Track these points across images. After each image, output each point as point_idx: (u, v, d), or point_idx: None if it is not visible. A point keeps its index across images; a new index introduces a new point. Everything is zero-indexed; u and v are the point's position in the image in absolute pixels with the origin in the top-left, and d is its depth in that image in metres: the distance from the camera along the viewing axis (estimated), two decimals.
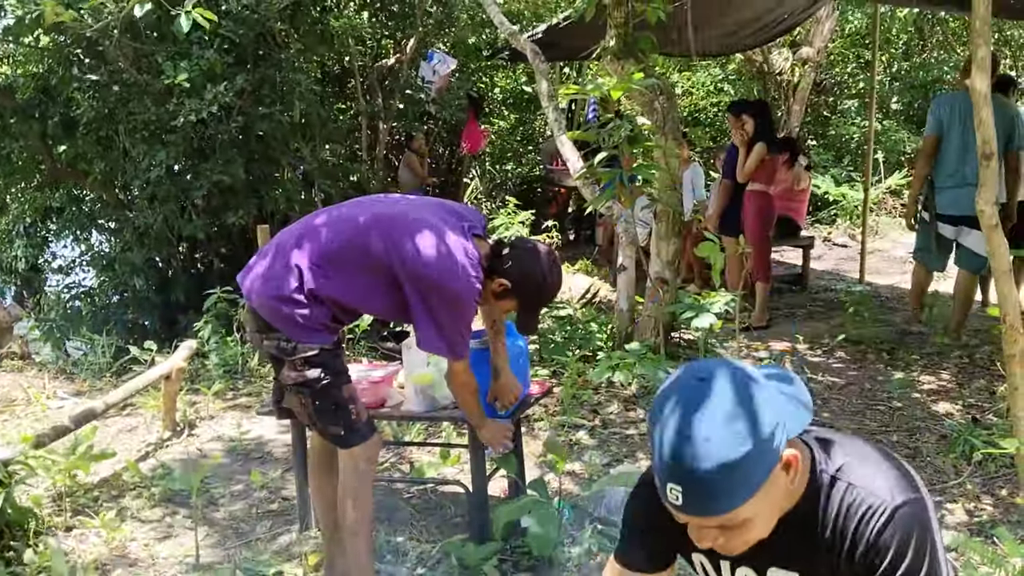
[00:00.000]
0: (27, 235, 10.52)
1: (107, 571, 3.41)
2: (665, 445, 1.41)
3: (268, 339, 2.88)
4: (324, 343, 2.85)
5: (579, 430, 4.64)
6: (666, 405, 1.44)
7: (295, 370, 2.84)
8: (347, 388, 2.90)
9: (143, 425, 5.05)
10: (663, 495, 1.45)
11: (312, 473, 3.24)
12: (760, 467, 1.41)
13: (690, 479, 1.39)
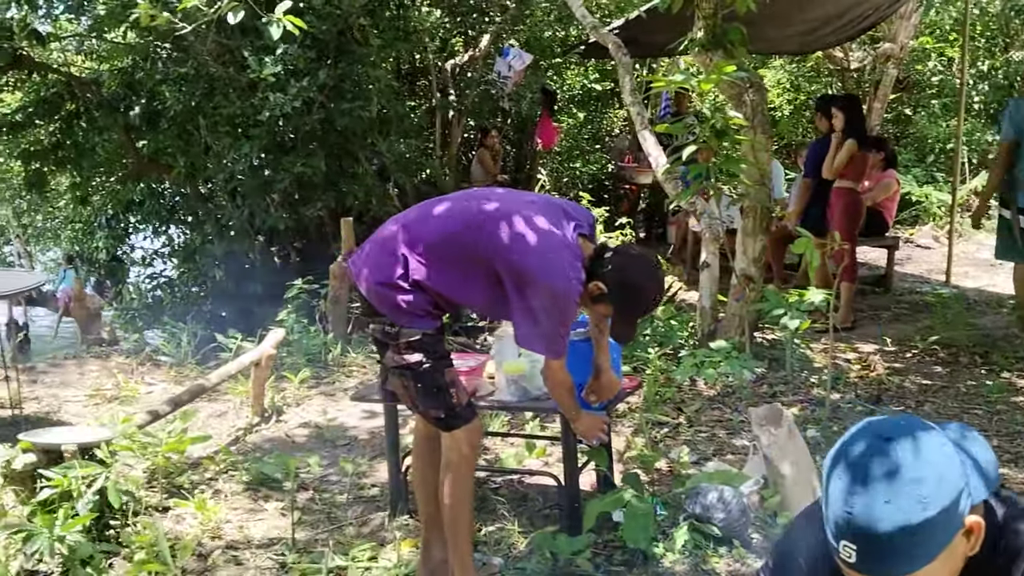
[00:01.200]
0: (108, 227, 10.80)
1: (204, 552, 3.47)
2: (843, 502, 1.36)
3: (374, 323, 2.91)
4: (426, 328, 2.86)
5: (663, 427, 4.59)
6: (846, 460, 1.39)
7: (398, 353, 2.86)
8: (448, 372, 2.91)
9: (232, 410, 5.14)
10: (834, 550, 1.40)
11: (415, 461, 3.25)
12: (942, 533, 1.35)
13: (867, 540, 1.34)
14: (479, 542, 3.47)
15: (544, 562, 3.24)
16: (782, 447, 3.42)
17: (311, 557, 3.37)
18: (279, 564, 3.37)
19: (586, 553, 3.26)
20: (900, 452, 1.36)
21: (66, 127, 8.81)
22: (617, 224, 8.53)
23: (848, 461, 1.38)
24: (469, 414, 2.94)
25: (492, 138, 9.62)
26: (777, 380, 5.14)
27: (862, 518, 1.33)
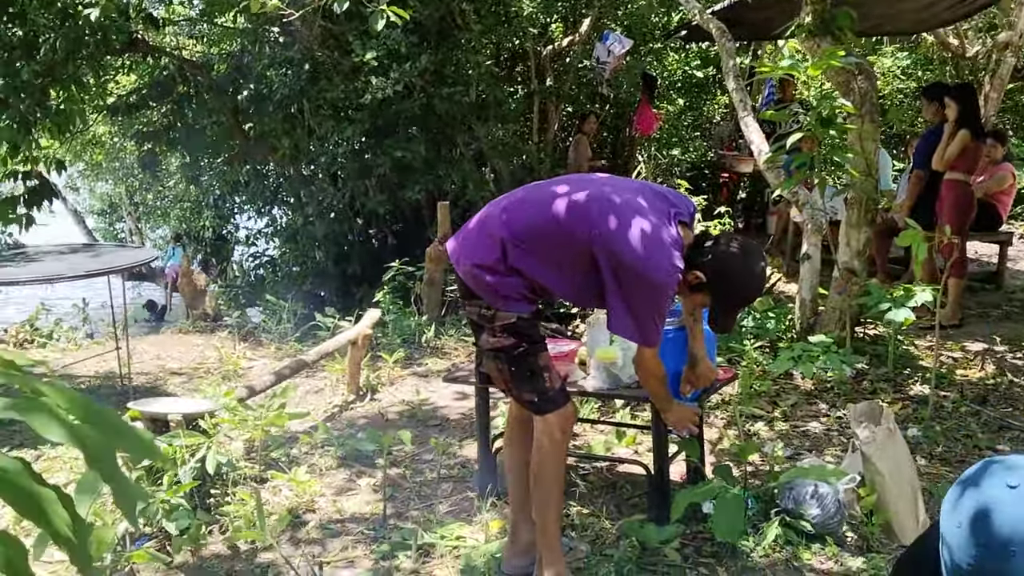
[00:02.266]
0: (215, 206, 11.16)
1: (299, 523, 3.56)
2: (962, 551, 1.32)
3: (470, 305, 2.93)
4: (522, 312, 2.85)
5: (757, 421, 4.51)
6: (968, 507, 1.34)
7: (493, 336, 2.87)
8: (542, 356, 2.90)
9: (328, 387, 5.26)
10: None
11: (507, 443, 3.27)
12: None
13: None
14: (567, 527, 3.48)
15: (631, 550, 3.22)
16: (881, 445, 3.32)
17: (401, 533, 3.43)
18: (370, 538, 3.45)
19: (674, 543, 3.23)
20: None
21: (177, 109, 9.12)
22: (716, 213, 8.39)
23: (973, 508, 1.32)
24: (562, 399, 2.94)
25: (590, 124, 9.56)
26: (878, 377, 4.99)
27: (984, 569, 1.28)
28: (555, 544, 2.96)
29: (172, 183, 12.05)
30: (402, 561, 3.27)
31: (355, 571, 3.21)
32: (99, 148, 12.06)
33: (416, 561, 3.26)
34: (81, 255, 5.47)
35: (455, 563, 3.24)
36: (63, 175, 13.19)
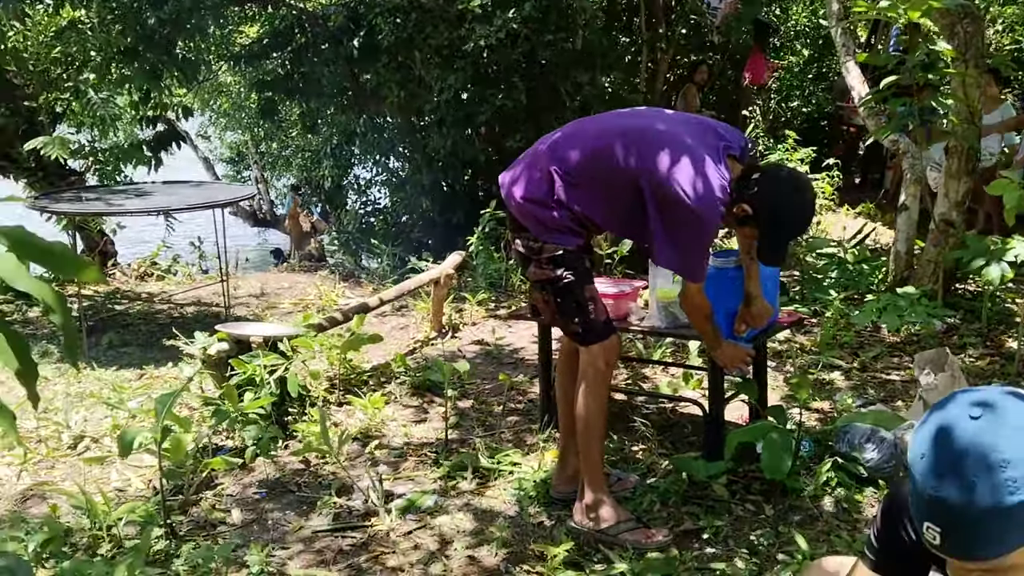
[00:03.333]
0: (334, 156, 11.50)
1: (366, 441, 3.76)
2: (927, 482, 1.31)
3: (519, 238, 3.01)
4: (568, 245, 2.92)
5: (834, 371, 4.44)
6: (932, 435, 1.32)
7: (540, 268, 2.95)
8: (588, 289, 2.96)
9: (413, 325, 5.46)
10: (920, 529, 1.35)
11: (559, 374, 3.35)
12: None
13: (950, 522, 1.29)
14: (620, 460, 3.56)
15: (679, 483, 3.28)
16: (942, 392, 3.24)
17: (461, 457, 3.58)
18: (432, 460, 3.61)
19: (722, 479, 3.27)
20: (989, 430, 1.28)
21: (295, 58, 9.44)
22: (824, 165, 8.15)
23: (935, 437, 1.32)
24: (606, 331, 3.00)
25: (701, 74, 9.40)
26: (970, 332, 4.80)
27: (944, 500, 1.28)
28: (597, 471, 3.04)
29: (294, 133, 12.48)
30: (459, 483, 3.42)
31: (414, 488, 3.38)
32: (225, 97, 12.62)
33: (472, 483, 3.40)
34: (189, 189, 5.82)
35: (508, 487, 3.37)
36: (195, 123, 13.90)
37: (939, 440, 1.31)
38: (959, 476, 1.27)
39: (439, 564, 2.87)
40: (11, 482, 3.49)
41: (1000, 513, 1.25)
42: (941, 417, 1.33)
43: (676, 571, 2.77)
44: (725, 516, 3.10)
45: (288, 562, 2.89)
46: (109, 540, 2.96)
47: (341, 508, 3.26)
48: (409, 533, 3.07)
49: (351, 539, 3.05)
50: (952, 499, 1.27)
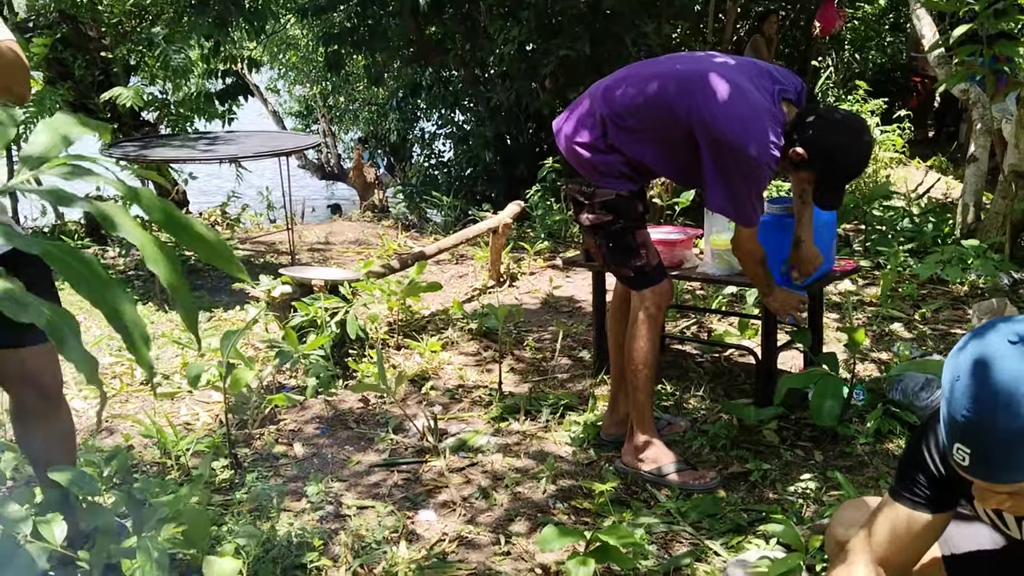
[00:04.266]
0: (399, 109, 11.57)
1: (422, 383, 3.86)
2: (957, 402, 1.33)
3: (572, 183, 3.04)
4: (621, 190, 2.93)
5: (894, 323, 4.38)
6: (966, 360, 1.34)
7: (592, 213, 2.97)
8: (640, 234, 2.98)
9: (472, 273, 5.54)
10: (948, 451, 1.38)
11: (611, 319, 3.38)
12: None
13: (982, 444, 1.31)
14: (672, 406, 3.59)
15: (729, 428, 3.30)
16: None
17: (515, 399, 3.65)
18: (486, 402, 3.70)
19: (772, 425, 3.29)
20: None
21: (361, 11, 9.49)
22: (895, 117, 7.95)
23: (971, 361, 1.34)
24: (658, 275, 3.02)
25: (770, 24, 9.17)
26: None
27: (977, 422, 1.30)
28: (647, 414, 3.09)
29: (360, 87, 12.58)
30: (511, 424, 3.50)
31: (467, 428, 3.47)
32: (293, 51, 12.76)
33: (524, 425, 3.48)
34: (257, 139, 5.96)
35: (559, 429, 3.43)
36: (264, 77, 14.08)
37: (975, 364, 1.33)
38: (992, 399, 1.29)
39: (489, 499, 2.96)
40: (87, 415, 3.68)
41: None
42: (979, 342, 1.35)
43: (722, 511, 2.81)
44: (774, 461, 3.12)
45: (344, 494, 3.01)
46: (177, 468, 3.11)
47: (396, 445, 3.37)
48: (461, 470, 3.17)
49: (405, 474, 3.16)
50: (984, 421, 1.30)
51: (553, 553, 2.57)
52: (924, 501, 1.59)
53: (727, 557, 2.55)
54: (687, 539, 2.70)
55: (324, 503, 2.92)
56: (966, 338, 1.39)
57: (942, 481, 1.56)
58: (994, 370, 1.30)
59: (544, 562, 2.54)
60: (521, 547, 2.68)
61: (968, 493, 1.52)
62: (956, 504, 1.63)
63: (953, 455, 1.36)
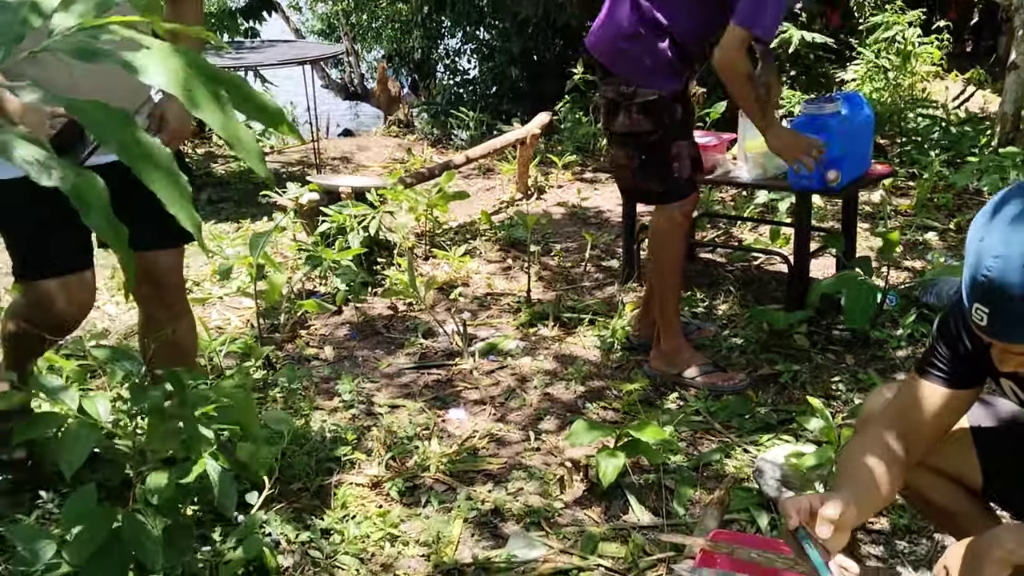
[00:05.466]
0: (423, 26, 11.36)
1: (450, 291, 3.87)
2: (980, 261, 1.31)
3: (607, 85, 2.91)
4: (663, 88, 2.83)
5: (928, 232, 4.32)
6: (991, 219, 1.32)
7: (629, 117, 2.87)
8: (677, 145, 2.89)
9: (499, 186, 5.50)
10: (967, 311, 1.36)
11: None
12: None
13: (1000, 302, 1.29)
14: (703, 313, 3.58)
15: (759, 333, 3.29)
16: None
17: (542, 306, 3.65)
18: (514, 309, 3.70)
19: (803, 329, 3.27)
20: None
21: None
22: (933, 28, 7.70)
23: (994, 220, 1.31)
24: (688, 189, 2.94)
25: None
26: None
27: (997, 279, 1.29)
28: (674, 320, 3.07)
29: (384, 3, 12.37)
30: (540, 329, 3.50)
31: (496, 334, 3.48)
32: None
33: (553, 330, 3.49)
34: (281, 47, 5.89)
35: (588, 334, 3.43)
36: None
37: (998, 223, 1.31)
38: (1013, 257, 1.27)
39: (518, 399, 2.98)
40: (120, 318, 3.72)
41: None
42: (1003, 203, 1.34)
43: (752, 412, 2.82)
44: (804, 364, 3.11)
45: (376, 394, 3.04)
46: (211, 369, 3.15)
47: (426, 349, 3.39)
48: (490, 372, 3.19)
49: (435, 376, 3.18)
50: (1004, 279, 1.28)
51: (583, 448, 2.59)
52: (948, 376, 1.59)
53: (756, 454, 2.56)
54: (716, 437, 2.71)
55: (356, 402, 2.95)
56: (994, 199, 1.37)
57: (967, 356, 1.56)
58: (1015, 229, 1.29)
59: (574, 457, 2.56)
60: (551, 443, 2.70)
61: (993, 369, 1.52)
62: (981, 382, 1.62)
63: (972, 315, 1.35)
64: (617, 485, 2.42)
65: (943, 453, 1.72)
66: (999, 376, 1.61)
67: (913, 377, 1.64)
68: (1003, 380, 1.62)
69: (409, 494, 2.45)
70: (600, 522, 2.31)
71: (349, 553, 2.16)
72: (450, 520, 2.31)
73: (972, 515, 1.75)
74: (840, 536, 1.44)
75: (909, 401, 1.63)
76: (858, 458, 1.59)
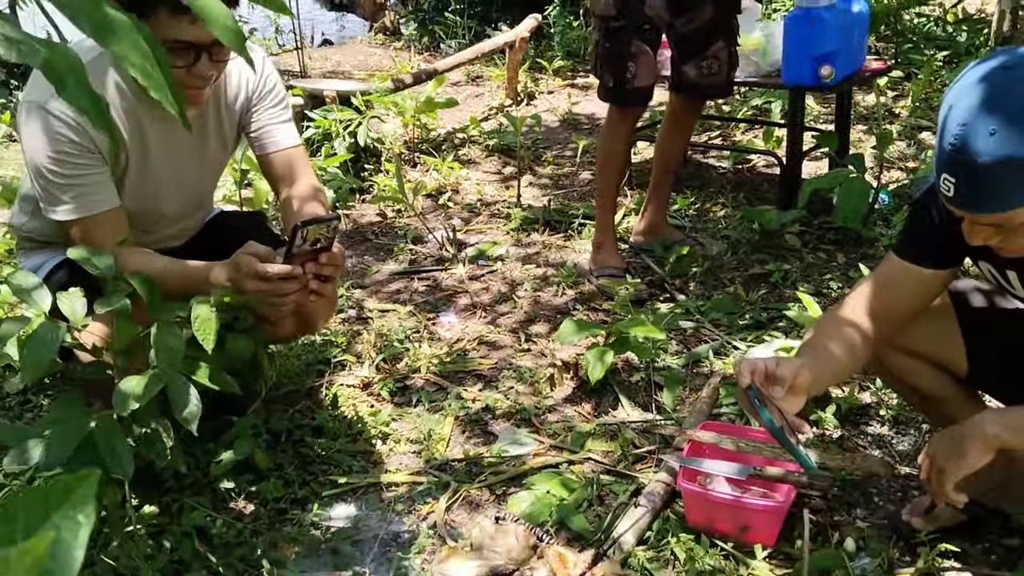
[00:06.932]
0: None
1: (439, 197, 3.83)
2: (947, 131, 1.31)
3: None
4: None
5: (924, 132, 4.26)
6: (961, 88, 1.31)
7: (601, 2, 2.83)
8: (636, 44, 2.82)
9: (488, 93, 5.41)
10: (938, 184, 1.36)
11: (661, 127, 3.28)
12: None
13: (966, 172, 1.29)
14: (696, 216, 3.55)
15: (750, 233, 3.27)
16: None
17: (534, 212, 3.62)
18: (504, 215, 3.66)
19: (794, 228, 3.24)
20: (1017, 84, 1.27)
21: None
22: None
23: (963, 88, 1.32)
24: (634, 100, 2.91)
25: None
26: None
27: (964, 149, 1.29)
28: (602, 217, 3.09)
29: None
30: (531, 235, 3.47)
31: (486, 238, 3.46)
32: None
33: (544, 235, 3.46)
34: None
35: (579, 239, 3.41)
36: None
37: (967, 90, 1.31)
38: (979, 124, 1.28)
39: (509, 303, 2.97)
40: None
41: (1012, 165, 1.27)
42: (974, 71, 1.33)
43: (742, 310, 2.81)
44: (796, 263, 3.10)
45: (366, 299, 3.02)
46: None
47: (416, 255, 3.36)
48: (481, 277, 3.17)
49: (426, 281, 3.16)
50: (970, 147, 1.29)
51: (573, 348, 2.59)
52: (923, 256, 1.60)
53: (747, 352, 2.56)
54: (707, 335, 2.70)
55: (346, 307, 2.93)
56: (963, 71, 1.36)
57: (941, 236, 1.55)
58: (983, 97, 1.28)
59: (565, 358, 2.56)
60: (541, 345, 2.70)
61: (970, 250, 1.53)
62: (956, 263, 1.62)
63: (940, 186, 1.36)
64: (607, 383, 2.43)
65: (929, 338, 1.72)
66: (977, 258, 1.60)
67: (889, 256, 1.65)
68: (981, 263, 1.61)
69: (400, 394, 2.45)
70: (590, 419, 2.32)
71: (342, 451, 2.17)
72: (441, 419, 2.32)
73: (958, 401, 1.76)
74: (794, 400, 1.46)
75: (883, 279, 1.63)
76: (822, 330, 1.61)
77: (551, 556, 1.31)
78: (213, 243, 2.09)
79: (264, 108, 2.04)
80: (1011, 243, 1.40)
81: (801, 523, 1.72)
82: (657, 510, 1.87)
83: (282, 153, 2.05)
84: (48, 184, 1.74)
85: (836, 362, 1.55)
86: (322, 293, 1.81)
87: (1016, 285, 1.59)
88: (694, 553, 1.75)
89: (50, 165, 1.72)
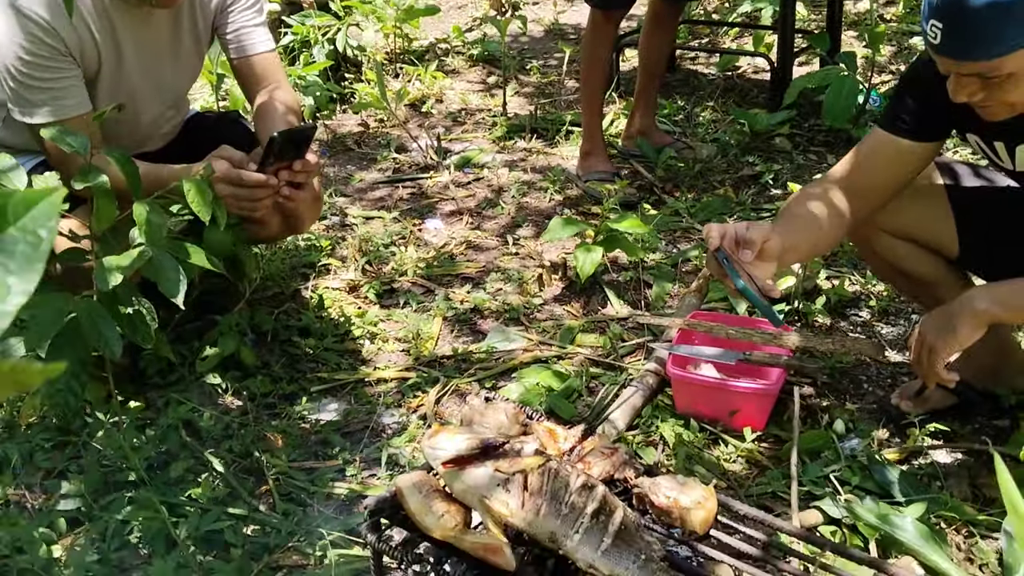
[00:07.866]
0: None
1: (421, 104, 3.75)
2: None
3: None
4: None
5: (915, 37, 4.18)
6: None
7: None
8: None
9: (472, 3, 5.27)
10: (925, 35, 1.34)
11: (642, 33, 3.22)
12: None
13: (951, 17, 1.28)
14: (683, 120, 3.49)
15: (740, 135, 3.22)
16: None
17: (520, 120, 3.55)
18: (489, 123, 3.60)
19: (784, 130, 3.20)
20: None
21: None
22: None
23: None
24: (618, 1, 2.89)
25: None
26: None
27: None
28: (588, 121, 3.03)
29: None
30: (516, 142, 3.41)
31: (471, 146, 3.40)
32: None
33: (530, 142, 3.40)
34: None
35: (566, 145, 3.35)
36: None
37: None
38: None
39: (495, 208, 2.93)
40: None
41: (999, 6, 1.26)
42: None
43: (732, 211, 2.78)
44: (786, 164, 3.06)
45: (350, 207, 2.98)
46: None
47: (399, 163, 3.30)
48: (466, 184, 3.12)
49: (410, 188, 3.11)
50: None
51: (562, 248, 2.56)
52: (908, 127, 1.57)
53: None
54: (697, 235, 2.68)
55: (329, 214, 2.89)
56: None
57: (927, 107, 1.53)
58: None
59: (553, 258, 2.53)
60: (529, 248, 2.67)
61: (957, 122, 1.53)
62: (941, 137, 1.60)
63: (928, 36, 1.34)
64: (595, 282, 2.41)
65: (921, 220, 1.70)
66: (964, 130, 1.57)
67: (874, 129, 1.62)
68: (969, 135, 1.59)
69: (387, 296, 2.43)
70: (579, 316, 2.31)
71: (330, 350, 2.15)
72: (429, 319, 2.30)
73: (949, 283, 1.75)
74: (764, 266, 1.43)
75: (866, 151, 1.61)
76: (798, 200, 1.59)
77: (541, 431, 1.29)
78: (189, 146, 2.06)
79: (238, 10, 2.02)
80: (995, 98, 1.38)
81: (790, 409, 1.72)
82: (647, 396, 1.86)
83: (257, 58, 2.04)
84: (20, 87, 1.71)
85: (809, 232, 1.53)
86: (294, 199, 1.82)
87: (1003, 156, 1.56)
88: (683, 436, 1.75)
89: (23, 68, 1.69)
